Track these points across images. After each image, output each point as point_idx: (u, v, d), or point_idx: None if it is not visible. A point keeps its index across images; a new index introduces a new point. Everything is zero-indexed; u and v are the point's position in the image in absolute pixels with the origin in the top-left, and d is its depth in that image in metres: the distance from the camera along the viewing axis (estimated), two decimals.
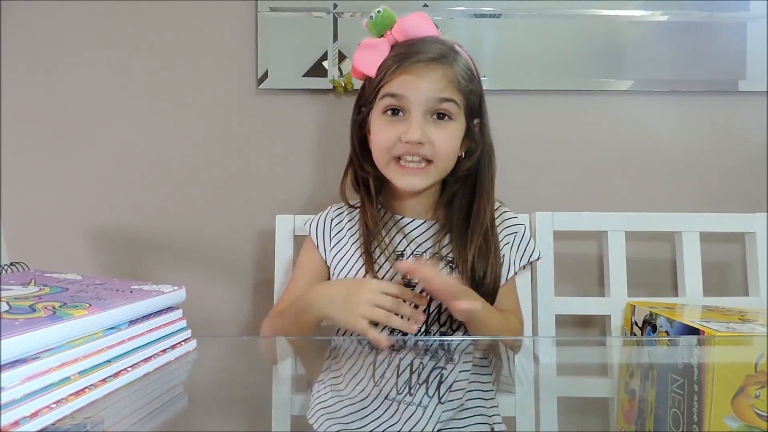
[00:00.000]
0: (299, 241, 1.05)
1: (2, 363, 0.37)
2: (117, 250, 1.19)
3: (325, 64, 1.14)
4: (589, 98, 1.17)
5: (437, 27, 0.84)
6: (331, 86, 1.14)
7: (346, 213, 0.93)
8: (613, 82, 1.15)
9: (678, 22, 1.14)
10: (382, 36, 0.83)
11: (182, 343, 0.58)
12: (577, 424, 0.45)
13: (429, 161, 0.81)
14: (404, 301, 0.71)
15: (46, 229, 1.18)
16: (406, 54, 0.79)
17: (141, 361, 0.51)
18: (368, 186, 0.88)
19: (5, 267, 0.61)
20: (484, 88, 0.87)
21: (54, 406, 0.40)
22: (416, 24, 0.82)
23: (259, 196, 1.18)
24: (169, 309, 0.58)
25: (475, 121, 0.85)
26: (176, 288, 0.59)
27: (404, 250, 0.86)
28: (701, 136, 1.17)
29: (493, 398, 0.51)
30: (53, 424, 0.40)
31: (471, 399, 0.49)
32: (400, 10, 0.84)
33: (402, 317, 0.69)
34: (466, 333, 0.82)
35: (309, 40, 1.14)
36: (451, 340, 0.73)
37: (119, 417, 0.43)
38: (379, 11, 0.82)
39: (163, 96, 1.17)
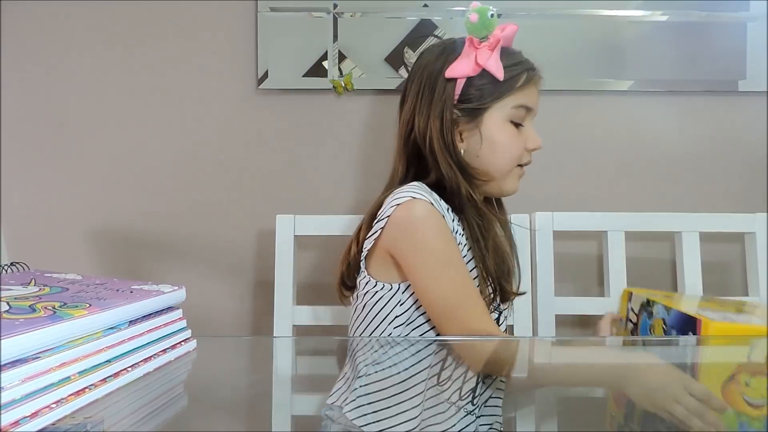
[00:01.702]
0: (299, 241, 1.05)
1: (2, 363, 0.37)
2: (117, 250, 1.19)
3: (325, 64, 1.14)
4: (589, 98, 1.17)
5: (436, 26, 0.83)
6: (331, 86, 1.14)
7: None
8: (613, 82, 1.15)
9: (678, 22, 1.14)
10: (484, 37, 0.80)
11: (182, 343, 0.58)
12: (577, 424, 0.45)
13: None
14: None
15: (46, 229, 1.18)
16: (529, 66, 0.83)
17: (141, 361, 0.51)
18: (463, 192, 0.80)
19: (5, 267, 0.61)
20: None
21: (54, 406, 0.40)
22: (512, 34, 0.83)
23: (259, 196, 1.18)
24: (169, 309, 0.57)
25: None
26: (176, 288, 0.58)
27: None
28: (701, 136, 1.17)
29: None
30: (53, 424, 0.39)
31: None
32: (400, 10, 0.84)
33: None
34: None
35: (309, 40, 1.14)
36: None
37: (119, 417, 0.43)
38: (492, 14, 0.80)
39: (163, 96, 1.17)
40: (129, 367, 0.49)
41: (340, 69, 1.14)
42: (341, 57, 1.14)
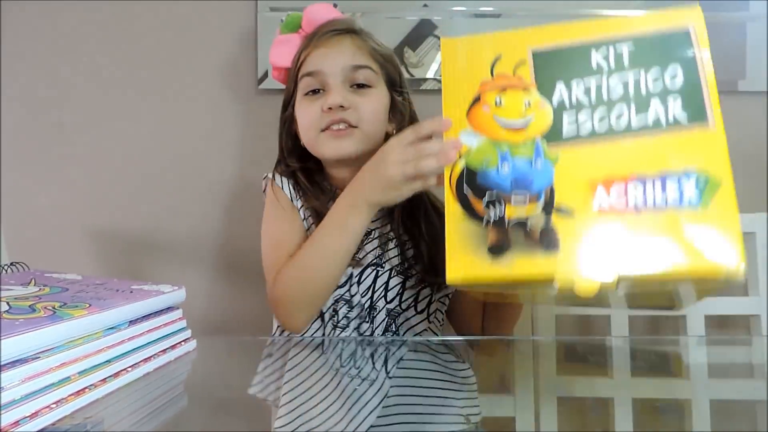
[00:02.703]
0: None
1: (2, 363, 0.37)
2: (117, 250, 1.19)
3: None
4: None
5: (436, 26, 0.84)
6: None
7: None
8: None
9: None
10: (296, 32, 0.86)
11: (182, 343, 0.58)
12: (578, 424, 0.45)
13: (354, 127, 0.78)
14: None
15: (46, 229, 1.18)
16: (315, 32, 0.82)
17: (141, 361, 0.51)
18: (302, 177, 0.84)
19: (5, 267, 0.61)
20: None
21: (54, 406, 0.40)
22: (319, 11, 0.84)
23: (260, 195, 1.18)
24: (169, 309, 0.58)
25: (399, 97, 0.84)
26: (176, 288, 0.59)
27: None
28: None
29: (470, 393, 0.51)
30: (53, 424, 0.40)
31: (437, 389, 0.49)
32: (400, 10, 0.84)
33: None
34: (419, 313, 0.81)
35: None
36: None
37: (119, 417, 0.43)
38: (289, 14, 0.87)
39: (163, 96, 1.17)
40: (129, 367, 0.49)
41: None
42: None
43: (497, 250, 0.51)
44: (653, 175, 0.49)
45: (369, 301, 0.80)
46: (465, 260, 0.51)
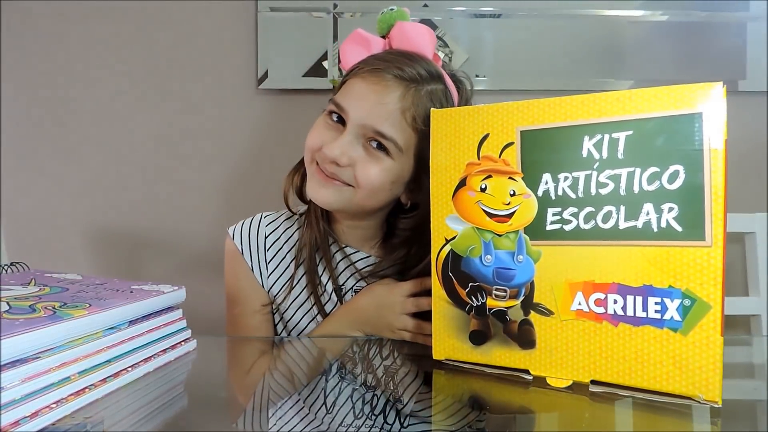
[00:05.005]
0: None
1: (2, 363, 0.37)
2: (117, 250, 1.19)
3: (325, 64, 1.14)
4: None
5: (436, 26, 0.82)
6: (331, 86, 1.14)
7: (282, 225, 0.78)
8: (613, 82, 1.15)
9: (678, 22, 1.14)
10: (384, 36, 0.73)
11: (182, 343, 0.58)
12: (579, 424, 0.45)
13: (348, 186, 0.67)
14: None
15: (46, 229, 1.18)
16: (376, 56, 0.69)
17: (141, 361, 0.51)
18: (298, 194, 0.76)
19: (5, 267, 0.61)
20: (484, 88, 0.85)
21: (54, 406, 0.40)
22: (416, 31, 0.70)
23: (260, 195, 1.18)
24: (169, 309, 0.57)
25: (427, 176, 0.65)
26: (176, 288, 0.58)
27: (345, 281, 0.76)
28: None
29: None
30: (53, 424, 0.40)
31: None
32: None
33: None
34: None
35: (309, 40, 1.14)
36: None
37: (119, 417, 0.43)
38: (392, 9, 0.72)
39: (163, 96, 1.17)
40: (129, 367, 0.49)
41: (340, 69, 1.14)
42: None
43: (478, 338, 0.53)
44: (635, 287, 0.46)
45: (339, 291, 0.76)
46: (448, 343, 0.55)
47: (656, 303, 0.45)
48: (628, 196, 0.46)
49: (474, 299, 0.53)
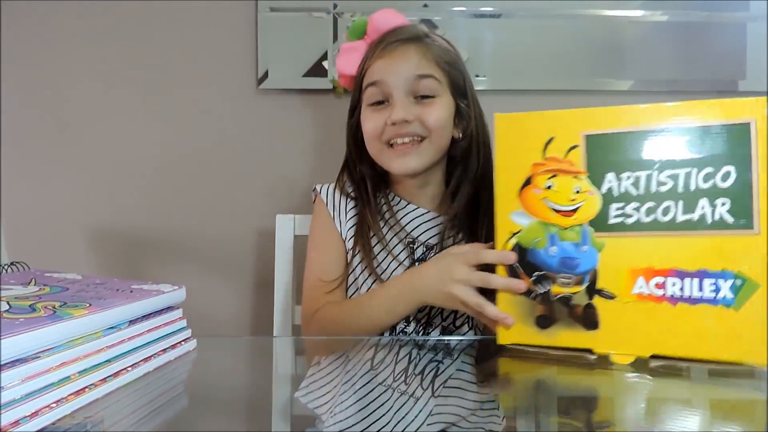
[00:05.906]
0: (299, 240, 1.05)
1: (2, 363, 0.37)
2: (117, 250, 1.19)
3: (325, 64, 1.14)
4: (589, 98, 1.17)
5: (435, 27, 0.84)
6: (331, 86, 1.14)
7: (351, 197, 0.88)
8: (613, 82, 1.15)
9: (678, 22, 1.14)
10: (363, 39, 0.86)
11: (182, 342, 0.58)
12: (578, 424, 0.45)
13: (421, 139, 0.79)
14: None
15: (46, 229, 1.18)
16: (379, 41, 0.81)
17: (141, 361, 0.51)
18: (365, 186, 0.86)
19: (5, 267, 0.61)
20: (484, 88, 0.86)
21: (54, 405, 0.40)
22: (385, 17, 0.84)
23: (259, 196, 1.18)
24: (169, 309, 0.58)
25: (464, 102, 0.83)
26: (176, 288, 0.59)
27: (416, 238, 0.84)
28: None
29: (493, 401, 0.51)
30: (53, 424, 0.40)
31: (468, 400, 0.49)
32: (400, 10, 0.84)
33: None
34: (471, 329, 0.81)
35: (309, 40, 1.14)
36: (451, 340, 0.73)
37: (119, 417, 0.43)
38: (353, 19, 0.85)
39: (163, 96, 1.17)
40: (129, 366, 0.50)
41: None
42: None
43: (544, 322, 0.58)
44: (692, 271, 0.52)
45: (426, 317, 0.81)
46: (513, 328, 0.59)
47: (711, 284, 0.52)
48: (685, 193, 0.53)
49: (540, 286, 0.57)
